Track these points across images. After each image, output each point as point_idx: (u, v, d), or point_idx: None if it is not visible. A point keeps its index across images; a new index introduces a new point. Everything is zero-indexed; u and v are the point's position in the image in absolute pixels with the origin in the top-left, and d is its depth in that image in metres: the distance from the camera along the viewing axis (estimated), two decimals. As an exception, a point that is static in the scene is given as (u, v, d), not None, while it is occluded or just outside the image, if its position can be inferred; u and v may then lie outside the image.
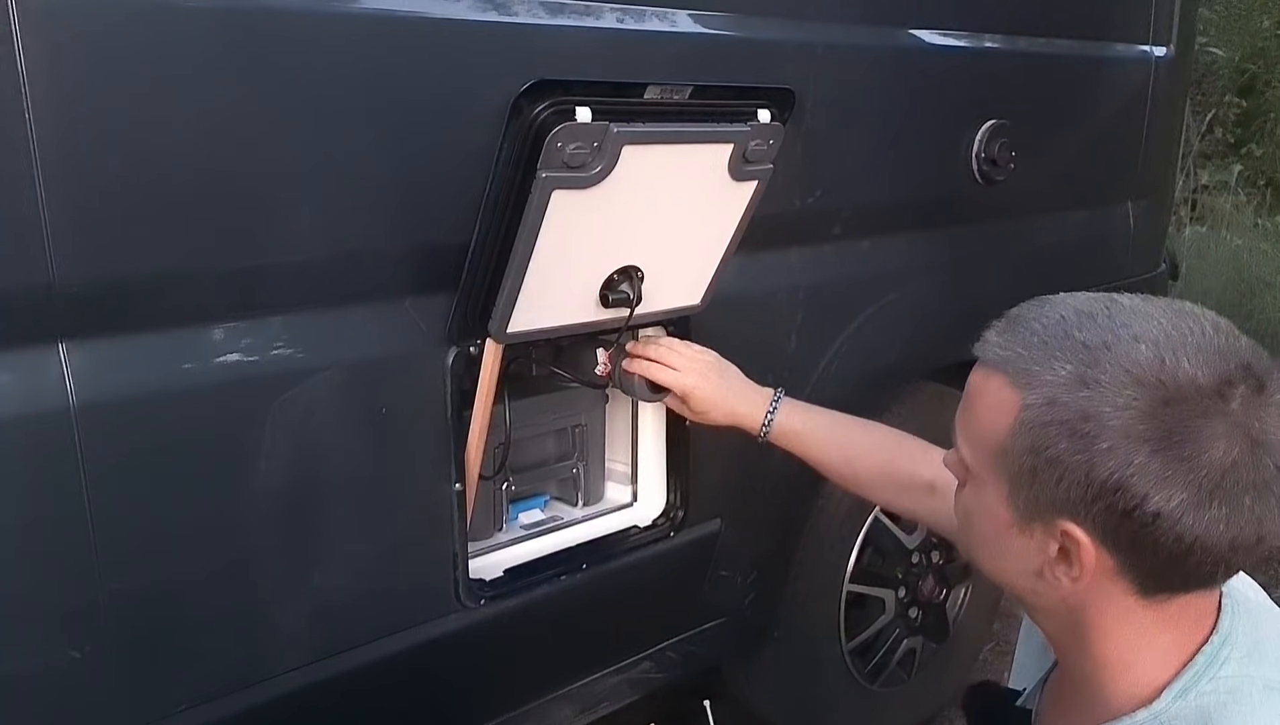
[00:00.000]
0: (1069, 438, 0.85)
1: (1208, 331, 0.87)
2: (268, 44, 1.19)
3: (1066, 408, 0.85)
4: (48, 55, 1.04)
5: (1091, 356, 0.86)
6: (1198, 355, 0.84)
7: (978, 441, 0.94)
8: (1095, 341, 0.86)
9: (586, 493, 1.74)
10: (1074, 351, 0.87)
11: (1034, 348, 0.89)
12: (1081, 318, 0.89)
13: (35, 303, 1.10)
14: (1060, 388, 0.86)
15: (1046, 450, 0.86)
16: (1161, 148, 2.62)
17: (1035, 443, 0.87)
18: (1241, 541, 0.85)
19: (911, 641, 2.28)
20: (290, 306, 1.28)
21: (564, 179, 1.30)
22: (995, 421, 0.90)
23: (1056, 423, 0.86)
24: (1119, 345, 0.85)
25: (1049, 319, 0.90)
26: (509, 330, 1.40)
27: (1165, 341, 0.85)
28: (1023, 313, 0.93)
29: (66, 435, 1.13)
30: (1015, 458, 0.89)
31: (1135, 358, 0.85)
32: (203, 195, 1.18)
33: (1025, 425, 0.88)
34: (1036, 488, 0.88)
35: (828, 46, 1.73)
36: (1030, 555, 0.92)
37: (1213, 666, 0.91)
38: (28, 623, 1.17)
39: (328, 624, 1.39)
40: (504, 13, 1.35)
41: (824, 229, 1.86)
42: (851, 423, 1.52)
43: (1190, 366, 0.84)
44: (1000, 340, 0.92)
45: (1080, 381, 0.85)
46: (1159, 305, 0.90)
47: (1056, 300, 0.92)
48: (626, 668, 1.84)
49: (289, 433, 1.29)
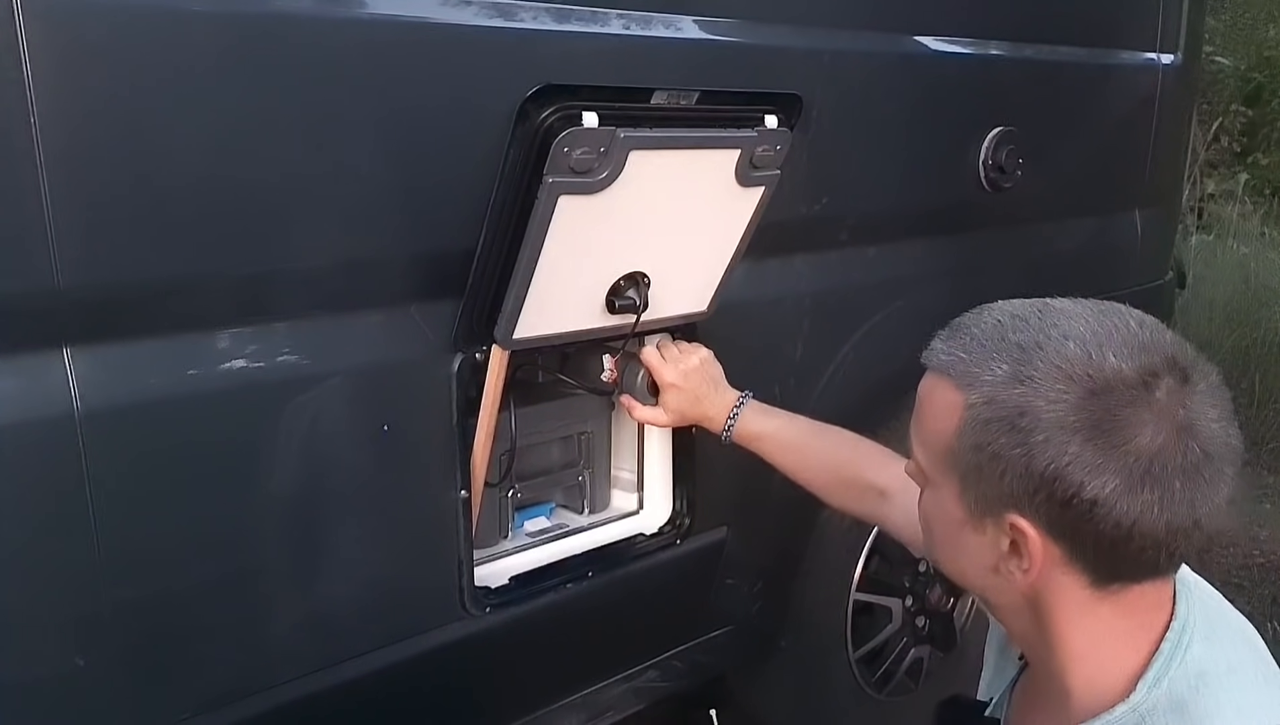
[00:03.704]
0: (1008, 433, 0.89)
1: (1133, 327, 0.91)
2: (274, 49, 1.19)
3: (1004, 405, 0.90)
4: (53, 60, 1.04)
5: (1025, 356, 0.90)
6: (1123, 349, 0.89)
7: (929, 445, 0.98)
8: (1028, 342, 0.91)
9: (592, 500, 1.74)
10: (1009, 352, 0.91)
11: (973, 351, 0.93)
12: (1015, 321, 0.93)
13: (40, 308, 1.10)
14: (998, 386, 0.91)
15: (989, 446, 0.91)
16: (1169, 155, 2.61)
17: (979, 440, 0.91)
18: (1178, 525, 0.88)
19: (919, 650, 2.27)
20: (295, 313, 1.28)
21: (570, 184, 1.30)
22: (943, 424, 0.95)
23: (996, 419, 0.90)
24: (1049, 344, 0.90)
25: (986, 324, 0.95)
26: (515, 336, 1.40)
27: (1092, 338, 0.90)
28: (964, 320, 0.98)
29: (71, 441, 1.12)
30: (962, 456, 0.93)
31: (1065, 354, 0.89)
32: (208, 201, 1.17)
33: (969, 424, 0.92)
34: (983, 484, 0.92)
35: (835, 53, 1.73)
36: (985, 552, 0.96)
37: (1178, 652, 0.95)
38: (31, 629, 1.16)
39: (332, 631, 1.39)
40: (510, 18, 1.35)
41: (831, 235, 1.86)
42: (811, 427, 1.56)
43: (1116, 360, 0.88)
44: (944, 346, 0.97)
45: (1016, 379, 0.90)
46: (1088, 306, 0.95)
47: (994, 307, 0.97)
48: (632, 676, 1.83)
49: (294, 439, 1.29)
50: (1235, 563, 3.25)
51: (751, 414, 1.54)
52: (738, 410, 1.54)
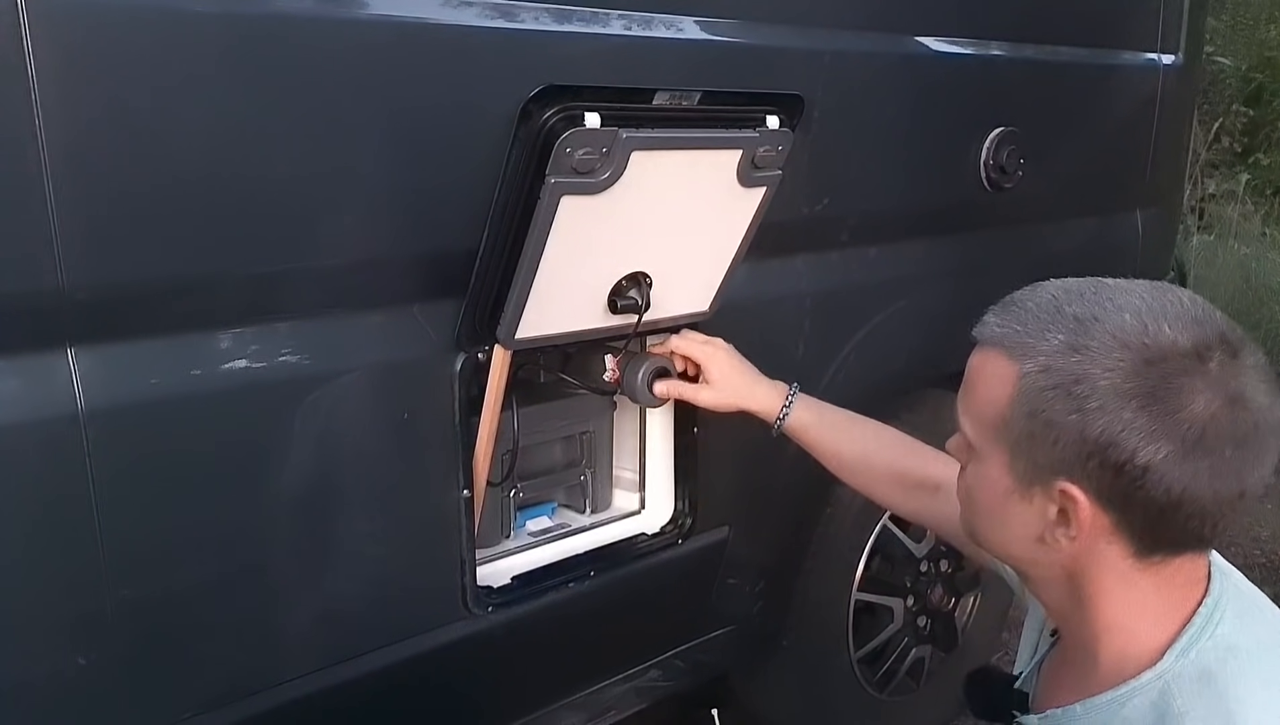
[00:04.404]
0: (1064, 399, 0.91)
1: (1185, 304, 0.94)
2: (277, 50, 1.19)
3: (1060, 372, 0.92)
4: (57, 60, 1.04)
5: (1081, 327, 0.92)
6: (1178, 322, 0.91)
7: (979, 416, 1.00)
8: (1084, 314, 0.93)
9: (594, 500, 1.74)
10: (1065, 323, 0.93)
11: (1028, 323, 0.95)
12: (1070, 295, 0.96)
13: (44, 307, 1.10)
14: (1054, 355, 0.92)
15: (1043, 413, 0.92)
16: (1170, 156, 2.61)
17: (1033, 407, 0.93)
18: (1225, 494, 0.91)
19: (920, 650, 2.28)
20: (298, 313, 1.28)
21: (572, 185, 1.30)
22: (995, 394, 0.96)
23: (1051, 387, 0.92)
24: (1106, 316, 0.92)
25: (1041, 298, 0.97)
26: (517, 336, 1.40)
27: (1148, 311, 0.92)
28: (1018, 296, 0.99)
29: (75, 440, 1.13)
30: (1015, 424, 0.95)
31: (1121, 325, 0.91)
32: (211, 201, 1.18)
33: (1023, 392, 0.94)
34: (1035, 451, 0.94)
35: (836, 53, 1.73)
36: (1031, 521, 0.97)
37: (1209, 626, 0.97)
38: (35, 628, 1.17)
39: (335, 631, 1.39)
40: (512, 19, 1.35)
41: (832, 236, 1.86)
42: (864, 420, 1.56)
43: (1171, 332, 0.91)
44: (997, 320, 0.98)
45: (1071, 348, 0.92)
46: (1140, 284, 0.97)
47: (1048, 283, 0.99)
48: (634, 675, 1.83)
49: (295, 439, 1.29)
50: (1236, 563, 3.19)
51: (805, 404, 1.54)
52: (792, 399, 1.53)
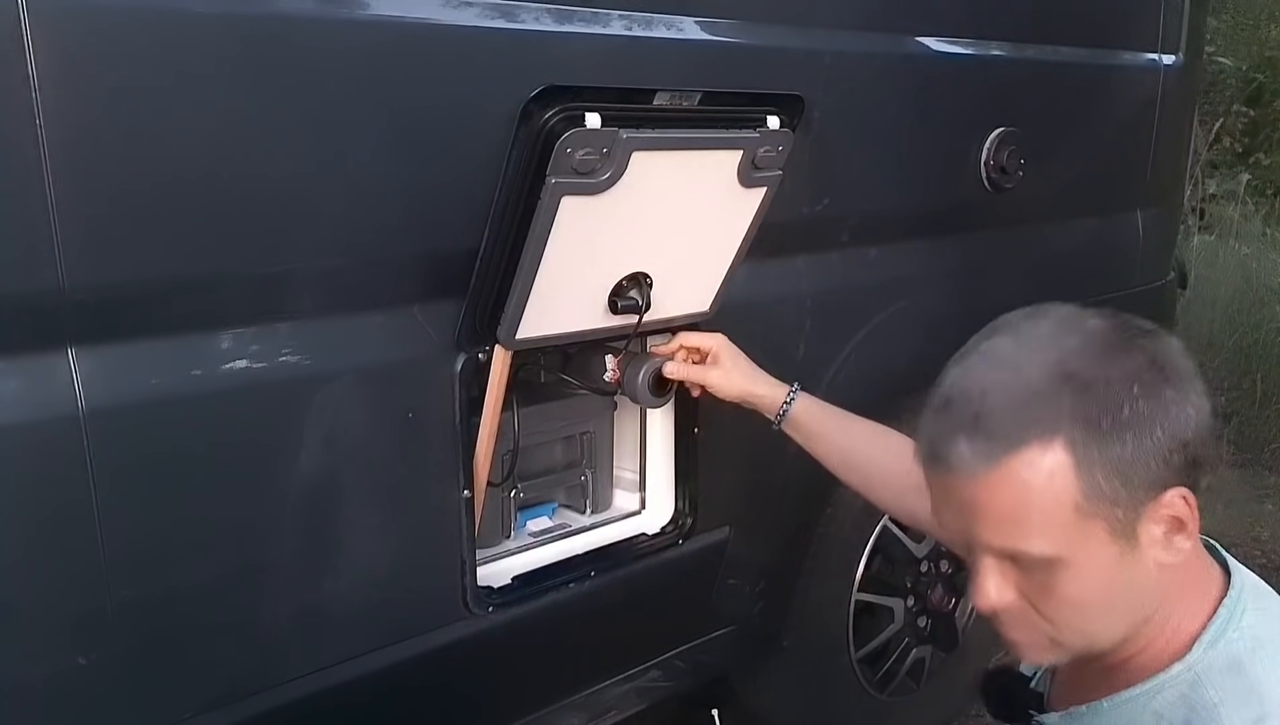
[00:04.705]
0: (1122, 431, 0.89)
1: (1057, 309, 0.98)
2: (278, 50, 1.19)
3: (1099, 416, 0.88)
4: (58, 60, 1.04)
5: (1061, 372, 0.90)
6: (1089, 314, 0.96)
7: (1048, 526, 0.91)
8: (1046, 361, 0.91)
9: (595, 500, 1.74)
10: (1047, 381, 0.90)
11: (1019, 410, 0.90)
12: (1010, 365, 0.93)
13: (45, 308, 1.10)
14: (1077, 409, 0.89)
15: (1116, 457, 0.89)
16: (1170, 156, 2.61)
17: (1105, 461, 0.89)
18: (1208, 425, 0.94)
19: (920, 650, 2.27)
20: (298, 313, 1.28)
21: (573, 185, 1.30)
22: (1055, 489, 0.89)
23: (1106, 432, 0.89)
24: (1061, 350, 0.92)
25: (997, 389, 0.92)
26: (518, 336, 1.40)
27: (1068, 321, 0.95)
28: (979, 409, 0.92)
29: (75, 441, 1.13)
30: (1096, 492, 0.89)
31: (1080, 345, 0.92)
32: (212, 201, 1.18)
33: (1085, 461, 0.89)
34: (1129, 493, 0.90)
35: (836, 54, 1.73)
36: (1146, 561, 0.93)
37: (1235, 616, 0.97)
38: (35, 628, 1.17)
39: (335, 631, 1.39)
40: (513, 20, 1.35)
41: (832, 236, 1.86)
42: (865, 421, 1.55)
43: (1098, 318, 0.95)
44: (985, 440, 0.91)
45: (1082, 392, 0.89)
46: (1017, 315, 0.98)
47: (973, 375, 0.94)
48: (634, 676, 1.83)
49: (297, 439, 1.29)
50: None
51: (807, 402, 1.53)
52: (793, 396, 1.53)
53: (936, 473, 0.95)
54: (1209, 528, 0.98)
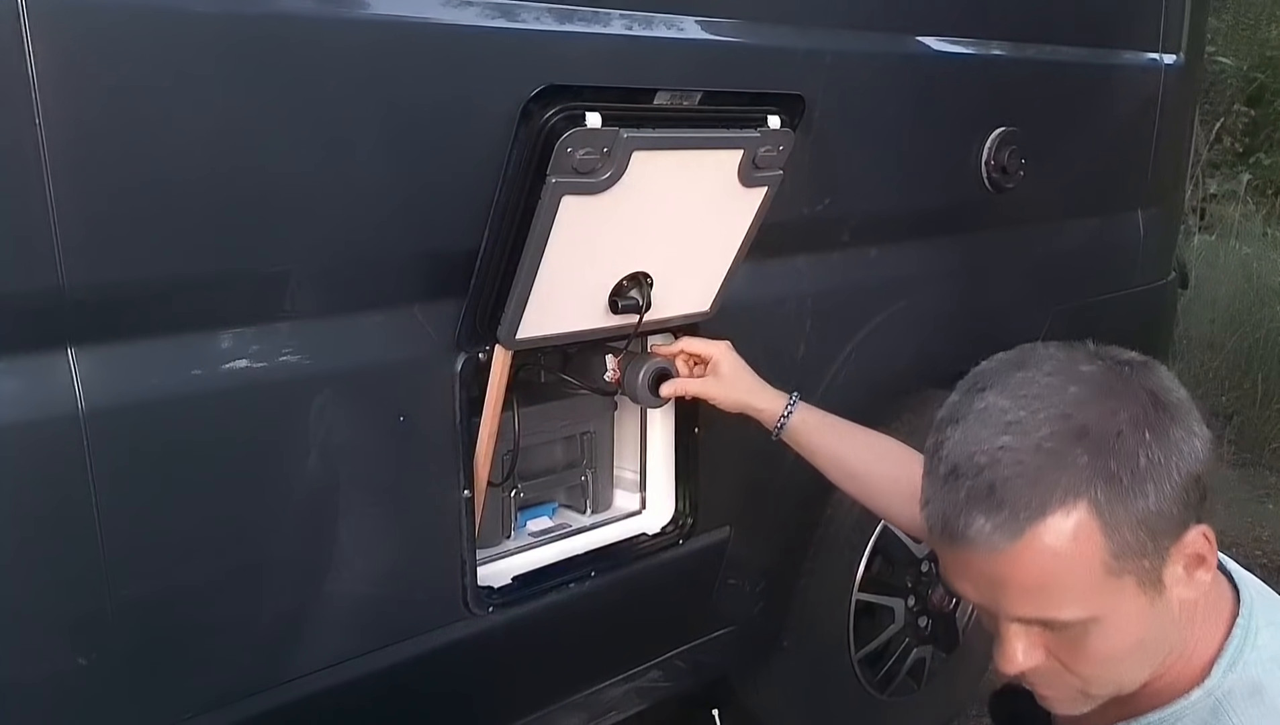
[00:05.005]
0: (1143, 484, 0.86)
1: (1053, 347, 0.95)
2: (278, 49, 1.19)
3: (1118, 472, 0.86)
4: (57, 59, 1.04)
5: (1070, 427, 0.87)
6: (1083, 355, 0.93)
7: (1079, 587, 0.88)
8: (1055, 415, 0.88)
9: (595, 500, 1.74)
10: (1061, 439, 0.87)
11: (1036, 477, 0.86)
12: (1020, 421, 0.88)
13: (44, 307, 1.10)
14: (1095, 467, 0.86)
15: (1141, 511, 0.86)
16: (1171, 155, 2.61)
17: (1130, 515, 0.86)
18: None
19: (921, 650, 2.27)
20: (298, 312, 1.28)
21: (573, 184, 1.30)
22: (1083, 553, 0.87)
23: (1126, 488, 0.86)
24: (1066, 403, 0.88)
25: (1007, 453, 0.87)
26: (518, 336, 1.40)
27: (1065, 366, 0.91)
28: (981, 477, 0.88)
29: (75, 440, 1.12)
30: (1125, 549, 0.87)
31: (1083, 393, 0.89)
32: (212, 201, 1.18)
33: (1111, 522, 0.86)
34: (1157, 542, 0.88)
35: (837, 53, 1.73)
36: (1171, 605, 0.92)
37: (1250, 636, 0.95)
38: (35, 628, 1.16)
39: (335, 631, 1.39)
40: (513, 19, 1.35)
41: (833, 236, 1.86)
42: (864, 429, 1.54)
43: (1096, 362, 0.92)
44: (999, 516, 0.87)
45: (1095, 450, 0.86)
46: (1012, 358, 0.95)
47: (974, 437, 0.90)
48: (635, 676, 1.83)
49: (297, 439, 1.29)
50: (1237, 563, 3.24)
51: (806, 412, 1.52)
52: (792, 407, 1.52)
53: (953, 548, 0.91)
54: (1214, 488, 0.98)
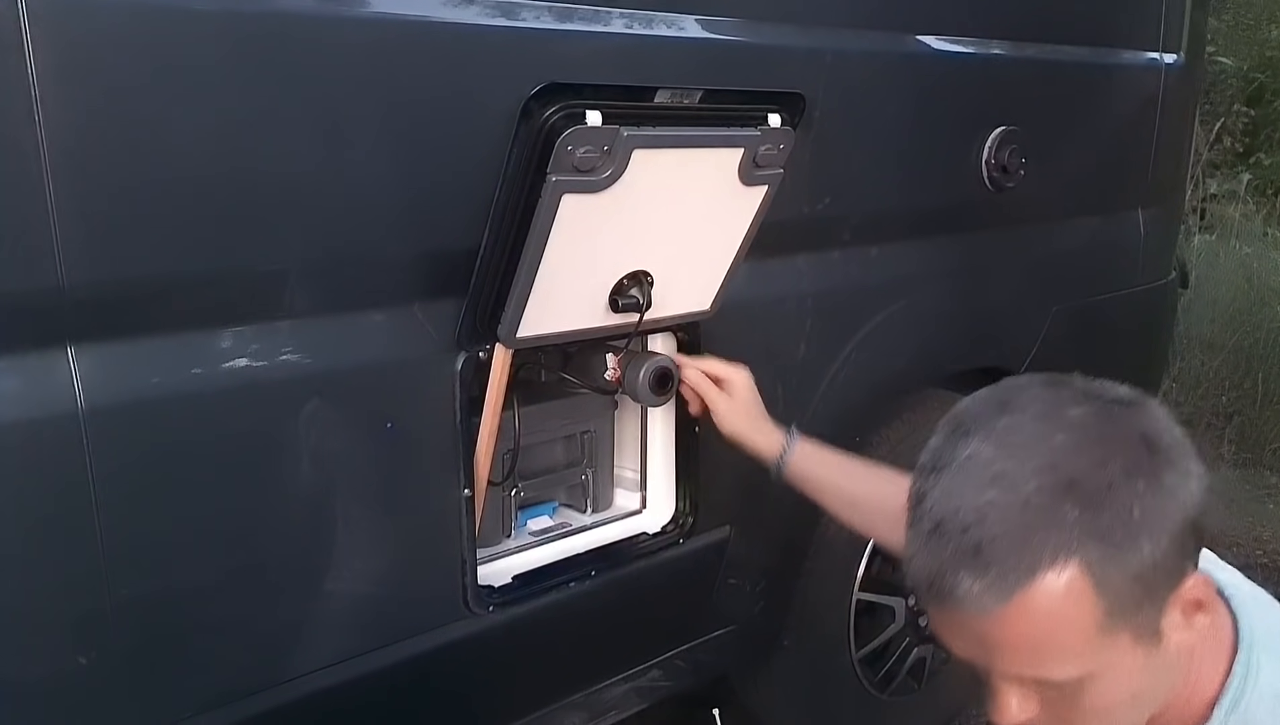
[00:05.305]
0: (1137, 537, 0.83)
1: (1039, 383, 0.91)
2: (278, 48, 1.19)
3: (1111, 526, 0.82)
4: (57, 58, 1.04)
5: (1058, 478, 0.83)
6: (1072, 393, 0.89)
7: (1073, 651, 0.85)
8: (1042, 466, 0.84)
9: (595, 499, 1.73)
10: (1050, 492, 0.83)
11: (1025, 535, 0.83)
12: (1006, 474, 0.84)
13: (44, 306, 1.09)
14: (1085, 522, 0.82)
15: (1137, 565, 0.83)
16: (1172, 155, 2.61)
17: (1124, 571, 0.83)
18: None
19: (922, 650, 2.27)
20: (298, 311, 1.28)
21: (574, 183, 1.30)
22: (1077, 613, 0.84)
23: (1119, 542, 0.83)
24: (1055, 454, 0.84)
25: (993, 510, 0.84)
26: (518, 335, 1.40)
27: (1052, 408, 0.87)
28: (977, 537, 0.84)
29: (75, 439, 1.12)
30: (1122, 604, 0.84)
31: (1075, 440, 0.85)
32: (212, 199, 1.18)
33: (1105, 580, 0.83)
34: (1153, 595, 0.86)
35: (838, 52, 1.73)
36: (1169, 651, 0.89)
37: (1252, 674, 0.92)
38: (35, 627, 1.16)
39: (335, 630, 1.39)
40: (513, 17, 1.35)
41: (833, 235, 1.86)
42: (863, 460, 1.53)
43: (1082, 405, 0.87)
44: (988, 577, 0.83)
45: (1087, 504, 0.82)
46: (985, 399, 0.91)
47: (958, 491, 0.86)
48: (635, 675, 1.83)
49: (297, 438, 1.29)
50: (1238, 563, 3.21)
51: (802, 452, 1.52)
52: (788, 447, 1.51)
53: (941, 608, 0.87)
54: (1212, 530, 0.95)
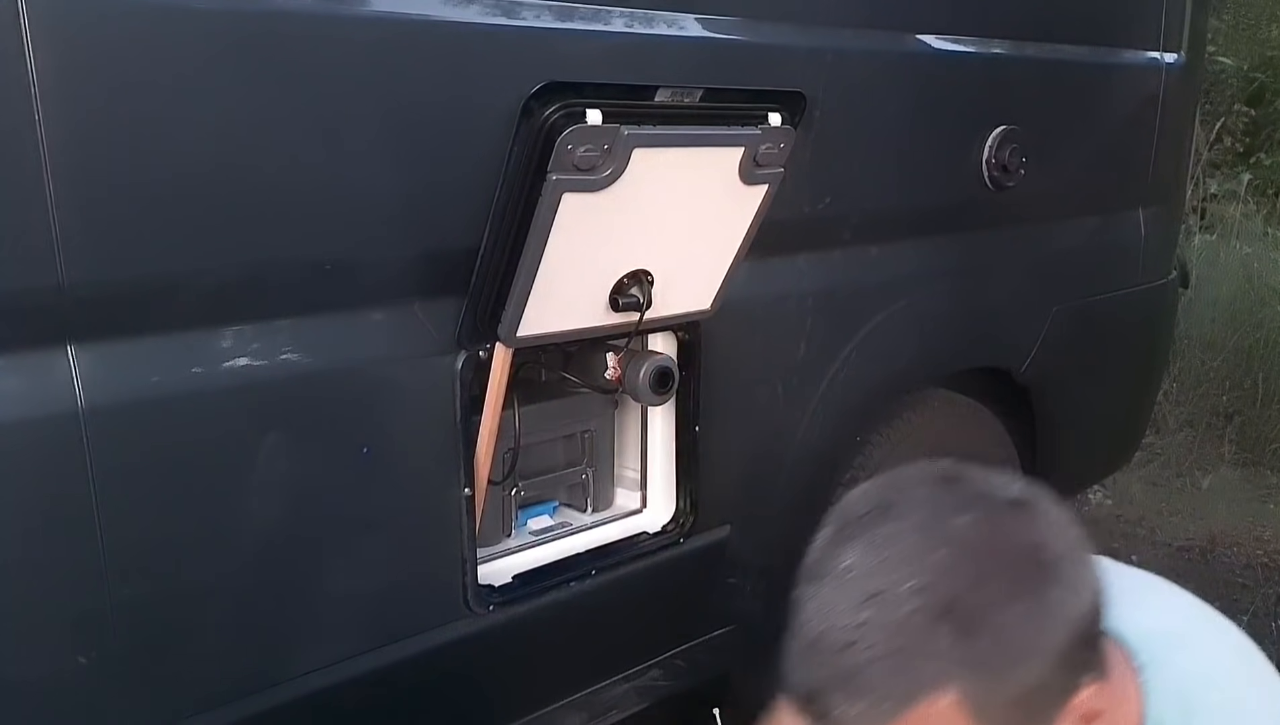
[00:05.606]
0: (1019, 657, 0.78)
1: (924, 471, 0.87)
2: (278, 47, 1.19)
3: (989, 646, 0.77)
4: (57, 57, 1.04)
5: (934, 600, 0.78)
6: (960, 489, 0.84)
7: None
8: (903, 577, 0.79)
9: (595, 499, 1.73)
10: (921, 617, 0.78)
11: (896, 665, 0.78)
12: (881, 592, 0.80)
13: (44, 305, 1.09)
14: (965, 651, 0.77)
15: (1019, 686, 0.78)
16: (1172, 155, 2.60)
17: (1004, 698, 0.78)
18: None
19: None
20: (299, 310, 1.28)
21: (574, 182, 1.30)
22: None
23: (998, 666, 0.78)
24: (929, 566, 0.79)
25: (867, 632, 0.79)
26: (519, 334, 1.40)
27: (931, 517, 0.82)
28: (843, 661, 0.80)
29: (75, 438, 1.12)
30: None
31: (955, 555, 0.80)
32: (211, 198, 1.17)
33: (985, 706, 0.77)
34: (1039, 713, 0.80)
35: (838, 51, 1.72)
36: None
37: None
38: (35, 627, 1.16)
39: (335, 630, 1.39)
40: (514, 16, 1.34)
41: (834, 234, 1.85)
42: None
43: (967, 512, 0.82)
44: (861, 702, 0.78)
45: (965, 626, 0.77)
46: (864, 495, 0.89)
47: (832, 606, 0.83)
48: (635, 675, 1.83)
49: (297, 437, 1.29)
50: (1239, 562, 3.24)
51: None
52: None
53: (819, 723, 0.84)
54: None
